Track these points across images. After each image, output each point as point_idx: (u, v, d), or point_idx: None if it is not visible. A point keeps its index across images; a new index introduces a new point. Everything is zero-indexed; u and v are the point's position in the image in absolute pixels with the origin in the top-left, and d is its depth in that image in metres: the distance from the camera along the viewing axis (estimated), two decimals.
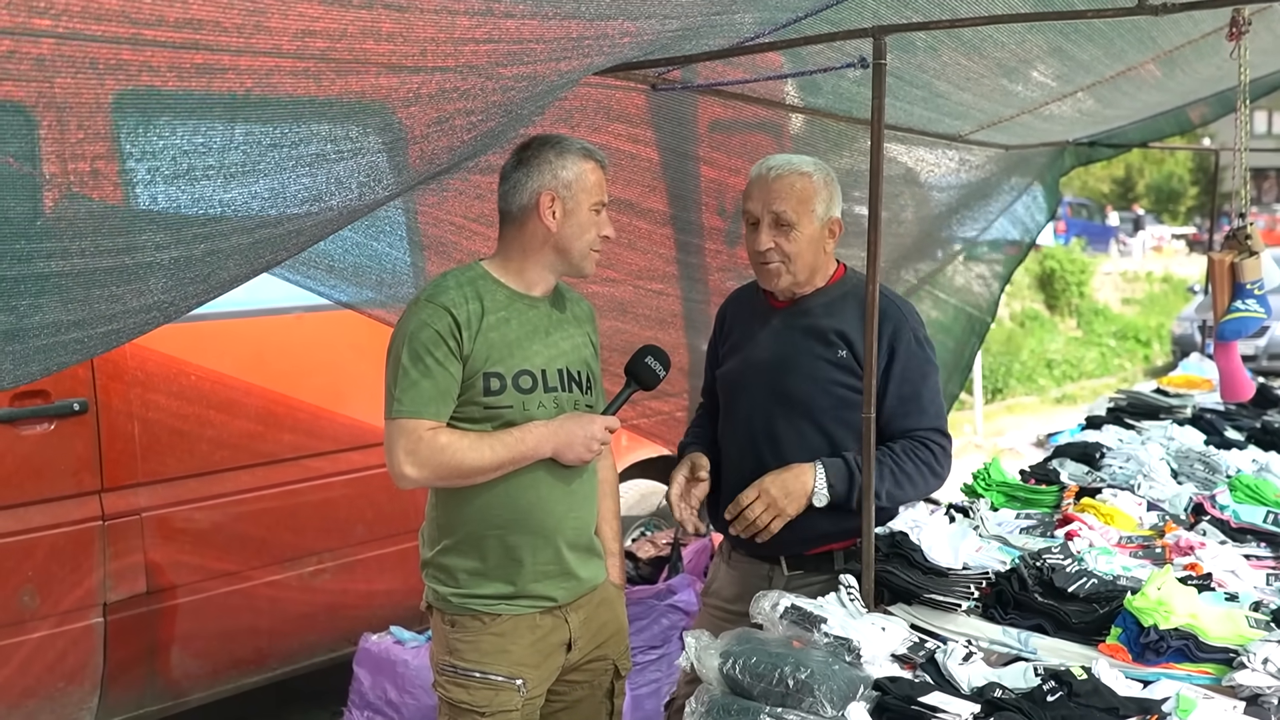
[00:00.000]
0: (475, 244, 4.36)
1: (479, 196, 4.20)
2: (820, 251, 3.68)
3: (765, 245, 3.60)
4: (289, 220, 3.10)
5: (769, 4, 3.73)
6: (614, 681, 3.64)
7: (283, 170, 2.93)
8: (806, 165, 3.65)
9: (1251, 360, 15.94)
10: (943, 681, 2.90)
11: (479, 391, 3.27)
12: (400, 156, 3.27)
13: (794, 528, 3.59)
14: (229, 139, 2.75)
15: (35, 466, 4.61)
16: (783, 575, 3.71)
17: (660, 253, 5.05)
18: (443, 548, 3.39)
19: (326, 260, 4.22)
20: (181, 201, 2.82)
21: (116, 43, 2.35)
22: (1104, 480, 4.63)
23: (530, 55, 3.20)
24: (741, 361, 3.79)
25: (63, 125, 2.53)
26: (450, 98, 3.14)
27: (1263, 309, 4.51)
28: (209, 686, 5.27)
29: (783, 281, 3.68)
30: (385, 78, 2.91)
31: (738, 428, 3.76)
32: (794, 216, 3.59)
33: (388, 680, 5.00)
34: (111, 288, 2.87)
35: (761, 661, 2.89)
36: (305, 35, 2.59)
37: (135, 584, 4.89)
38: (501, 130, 3.52)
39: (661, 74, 4.18)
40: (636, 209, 4.80)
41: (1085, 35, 4.86)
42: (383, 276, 4.47)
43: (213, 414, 5.15)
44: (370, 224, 4.16)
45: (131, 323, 3.09)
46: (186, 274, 3.01)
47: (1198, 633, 3.04)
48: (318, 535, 5.53)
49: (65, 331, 2.88)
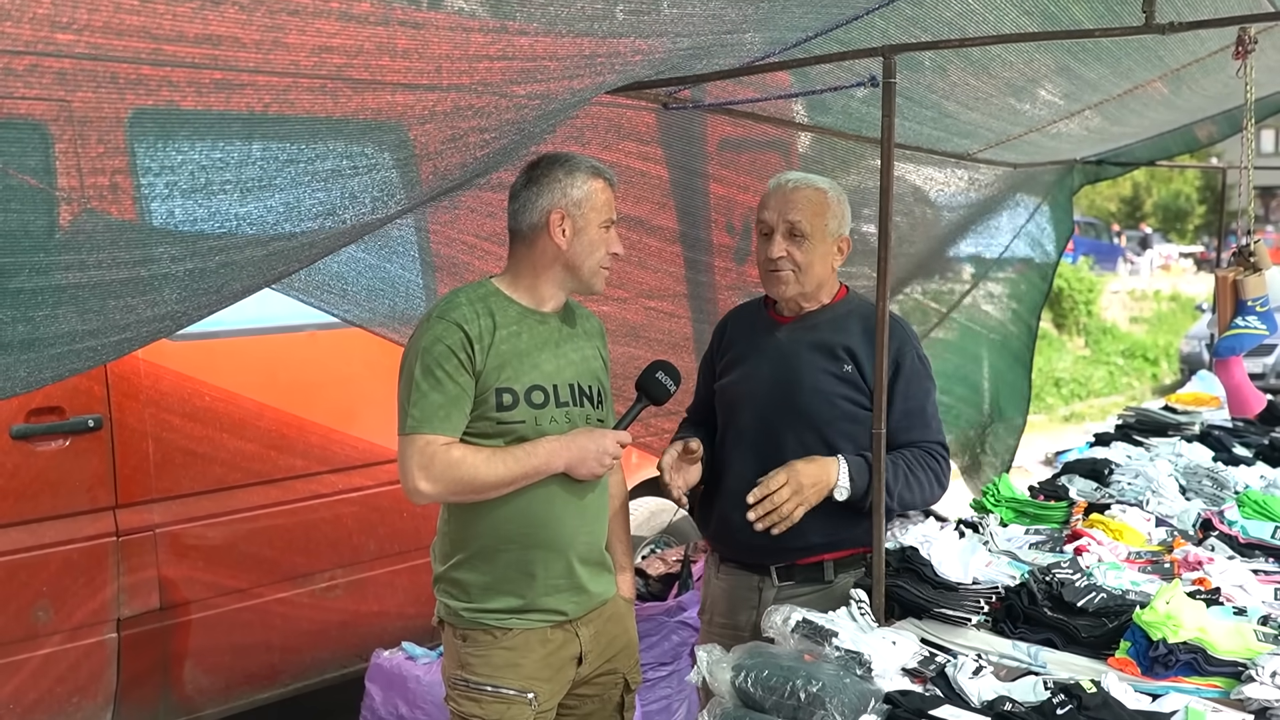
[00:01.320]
0: (487, 264, 4.38)
1: (490, 215, 4.22)
2: (829, 267, 3.74)
3: (779, 253, 3.67)
4: (303, 234, 3.13)
5: (779, 24, 3.76)
6: (624, 695, 3.66)
7: (298, 185, 2.96)
8: (822, 182, 3.74)
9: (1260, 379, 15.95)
10: (953, 695, 2.91)
11: (492, 407, 3.29)
12: (413, 172, 3.30)
13: (783, 537, 3.62)
14: (246, 154, 2.79)
15: (50, 482, 4.62)
16: (773, 586, 3.73)
17: (670, 271, 5.07)
18: (455, 562, 3.41)
19: (339, 284, 4.24)
20: (198, 215, 2.86)
21: (137, 60, 2.38)
22: (1113, 496, 4.63)
23: (544, 73, 3.23)
24: (745, 374, 3.82)
25: (82, 139, 2.57)
26: (465, 115, 3.17)
27: (1265, 325, 4.53)
28: (222, 702, 5.27)
29: (791, 290, 3.72)
30: (401, 95, 2.94)
31: (742, 438, 3.78)
32: (808, 227, 3.65)
33: (399, 696, 5.01)
34: (127, 299, 2.90)
35: (773, 675, 2.90)
36: (322, 51, 2.62)
37: (149, 599, 4.90)
38: (514, 147, 3.55)
39: (672, 93, 4.21)
40: (647, 226, 4.82)
41: (1093, 54, 4.89)
42: (395, 301, 4.50)
43: (226, 431, 5.17)
44: (383, 245, 4.18)
45: (144, 331, 3.13)
46: (200, 285, 3.04)
47: (1206, 646, 3.05)
48: (330, 552, 5.53)
49: (80, 340, 2.92)
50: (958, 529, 4.09)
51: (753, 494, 3.60)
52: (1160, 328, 25.55)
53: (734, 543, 3.79)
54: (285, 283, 3.98)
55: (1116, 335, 24.13)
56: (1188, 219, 49.32)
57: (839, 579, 3.69)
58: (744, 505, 3.62)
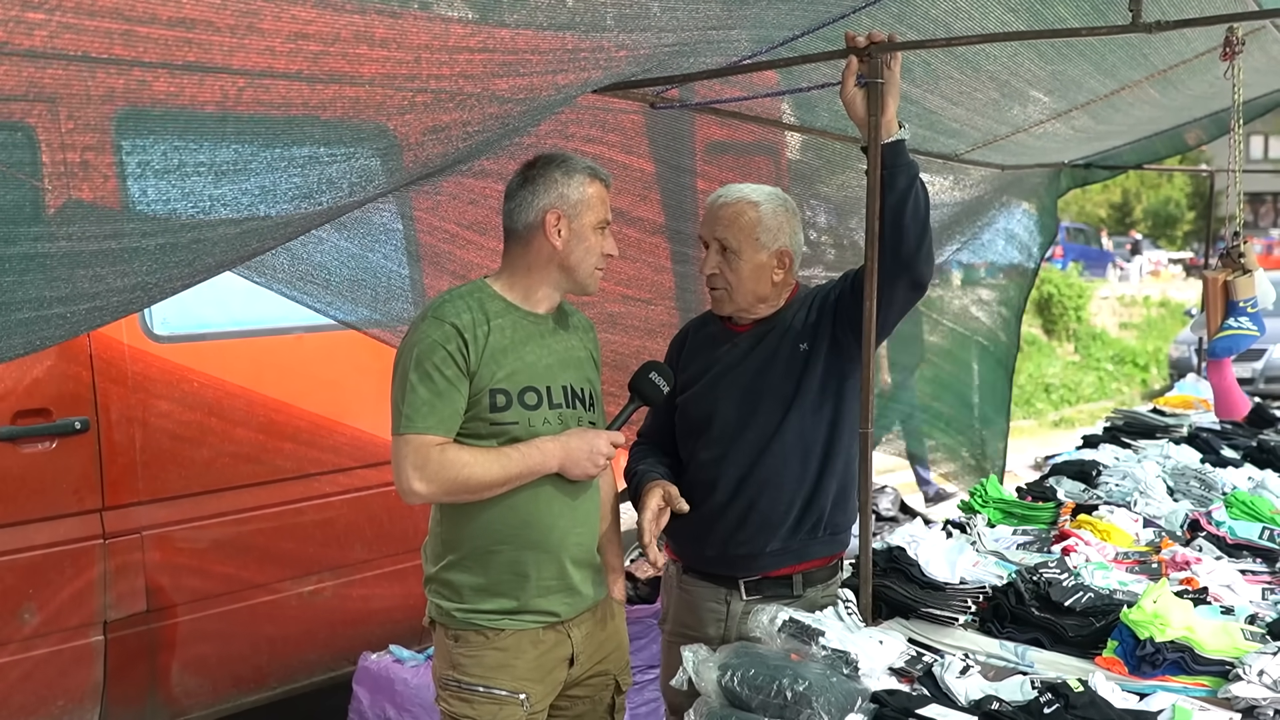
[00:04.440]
0: (469, 253, 4.37)
1: (472, 202, 4.21)
2: (766, 281, 3.67)
3: (710, 270, 3.66)
4: (278, 215, 3.13)
5: (766, 21, 3.76)
6: (615, 697, 3.64)
7: (274, 170, 2.96)
8: (757, 195, 3.68)
9: (1249, 383, 15.98)
10: (940, 694, 2.91)
11: (485, 408, 3.28)
12: (394, 160, 3.30)
13: (752, 544, 3.62)
14: (221, 136, 2.79)
15: (37, 484, 4.62)
16: (741, 599, 3.69)
17: (649, 261, 5.04)
18: (447, 563, 3.40)
19: (323, 274, 4.23)
20: (171, 195, 2.86)
21: (109, 37, 2.37)
22: (1100, 497, 4.64)
23: (526, 66, 3.22)
24: (710, 384, 3.75)
25: (54, 116, 2.56)
26: (446, 107, 3.16)
27: (1256, 326, 4.54)
28: (209, 705, 5.27)
29: (726, 307, 3.72)
30: (380, 85, 2.94)
31: (718, 439, 3.71)
32: (736, 244, 3.63)
33: (386, 699, 5.00)
34: (95, 269, 2.90)
35: (760, 674, 2.89)
36: (299, 38, 2.62)
37: (136, 602, 4.90)
38: (497, 139, 3.54)
39: (659, 93, 4.21)
40: (627, 217, 4.80)
41: (1079, 52, 4.90)
42: (377, 291, 4.48)
43: (213, 432, 5.17)
44: (366, 233, 4.17)
45: (115, 301, 3.12)
46: (172, 259, 3.04)
47: (1194, 645, 3.05)
48: (318, 554, 5.53)
49: (48, 307, 2.91)
50: (945, 529, 4.10)
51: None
52: (1149, 333, 25.60)
53: (708, 556, 3.76)
54: (268, 275, 3.98)
55: (1106, 341, 24.19)
56: (1177, 225, 49.42)
57: (807, 593, 3.67)
58: (728, 516, 3.63)
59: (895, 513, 8.43)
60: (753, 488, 3.63)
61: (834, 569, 3.74)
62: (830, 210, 6.46)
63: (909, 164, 3.34)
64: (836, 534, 3.71)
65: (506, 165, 4.03)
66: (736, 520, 3.64)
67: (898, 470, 10.21)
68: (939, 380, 8.80)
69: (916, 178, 3.35)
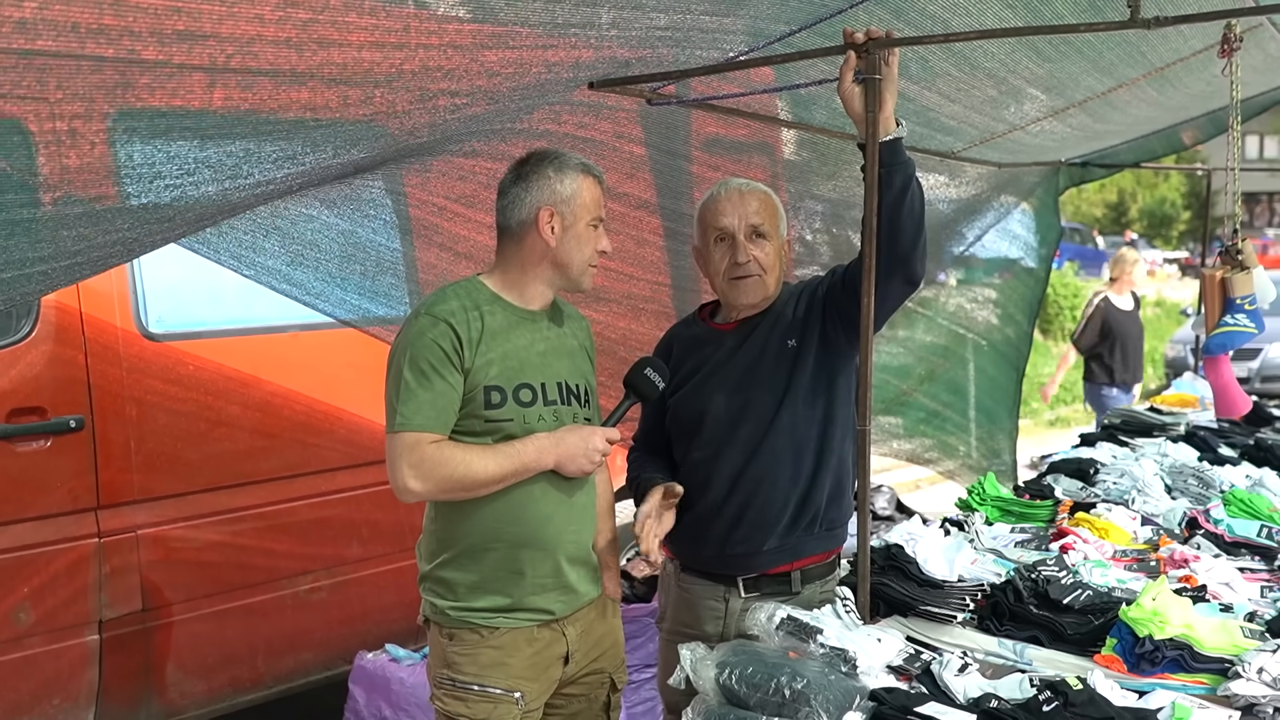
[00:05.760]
0: (456, 225, 4.35)
1: (461, 178, 4.20)
2: (784, 268, 3.73)
3: (746, 257, 3.61)
4: (262, 175, 3.15)
5: (763, 14, 3.75)
6: (610, 694, 3.64)
7: (259, 134, 2.97)
8: (763, 186, 3.74)
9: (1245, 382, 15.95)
10: (938, 693, 2.90)
11: (480, 405, 3.27)
12: (379, 127, 3.29)
13: (749, 542, 3.61)
14: (208, 102, 2.79)
15: (32, 483, 4.61)
16: (739, 597, 3.68)
17: (631, 234, 4.97)
18: (442, 561, 3.39)
19: (314, 253, 4.20)
20: (157, 159, 2.87)
21: (99, 6, 2.37)
22: (1098, 495, 4.64)
23: (515, 39, 3.23)
24: (699, 384, 3.74)
25: (42, 85, 2.55)
26: (434, 76, 3.16)
27: (1253, 324, 4.53)
28: (205, 704, 5.26)
29: (756, 294, 3.67)
30: (368, 52, 2.94)
31: (710, 438, 3.69)
32: (769, 229, 3.64)
33: (382, 698, 5.00)
34: (80, 229, 2.92)
35: (758, 672, 2.88)
36: (287, 5, 2.63)
37: (131, 601, 4.88)
38: (486, 118, 3.53)
39: (656, 89, 4.20)
40: (613, 193, 4.76)
41: (1077, 49, 4.89)
42: (367, 266, 4.44)
43: (209, 432, 5.16)
44: (356, 209, 4.15)
45: (95, 256, 3.13)
46: (152, 216, 3.05)
47: (1193, 643, 3.05)
48: (314, 553, 5.52)
49: (31, 266, 2.92)
50: (943, 527, 4.09)
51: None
52: (1145, 333, 25.55)
53: (705, 556, 3.75)
54: (259, 266, 3.96)
55: None
56: (1173, 225, 49.49)
57: (805, 590, 3.66)
58: (723, 515, 3.62)
59: (891, 511, 8.45)
60: (747, 485, 3.62)
61: (831, 565, 3.73)
62: (826, 208, 6.45)
63: (906, 161, 3.33)
64: (832, 529, 3.70)
65: (498, 147, 4.04)
66: (732, 519, 3.63)
67: (894, 470, 10.21)
68: (933, 378, 8.79)
69: (913, 175, 3.34)
